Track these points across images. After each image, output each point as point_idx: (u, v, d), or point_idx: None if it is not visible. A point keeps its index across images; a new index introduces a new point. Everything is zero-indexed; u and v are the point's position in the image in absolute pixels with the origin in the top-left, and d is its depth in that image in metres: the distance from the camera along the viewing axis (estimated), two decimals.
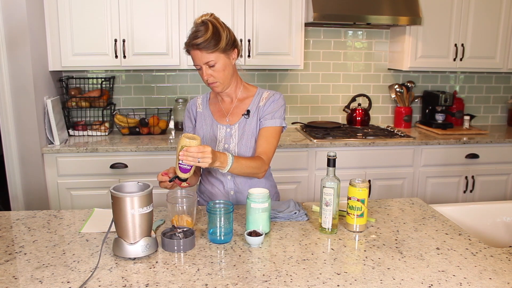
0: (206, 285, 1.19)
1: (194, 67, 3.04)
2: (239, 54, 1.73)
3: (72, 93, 3.16)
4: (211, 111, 1.83)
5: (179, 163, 1.47)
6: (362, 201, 1.51)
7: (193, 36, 1.62)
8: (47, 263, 1.31)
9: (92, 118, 3.26)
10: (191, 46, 1.63)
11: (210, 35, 1.60)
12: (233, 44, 1.68)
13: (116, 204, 1.32)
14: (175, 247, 1.38)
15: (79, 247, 1.42)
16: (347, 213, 1.55)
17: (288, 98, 3.52)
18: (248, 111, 1.77)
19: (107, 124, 3.20)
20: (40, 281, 1.20)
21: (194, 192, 1.65)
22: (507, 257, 1.36)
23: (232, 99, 1.81)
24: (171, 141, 3.03)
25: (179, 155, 1.44)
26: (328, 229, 1.52)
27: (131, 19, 2.95)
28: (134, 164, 2.88)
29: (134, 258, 1.33)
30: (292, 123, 3.54)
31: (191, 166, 1.48)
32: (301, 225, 1.61)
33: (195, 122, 1.85)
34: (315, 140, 3.02)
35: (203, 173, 1.90)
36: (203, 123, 1.82)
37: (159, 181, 1.60)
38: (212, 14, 1.67)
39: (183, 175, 1.50)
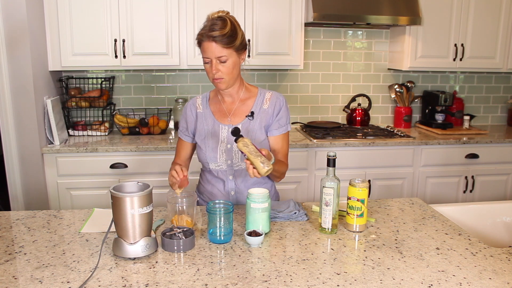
0: (206, 285, 1.19)
1: (194, 67, 3.07)
2: (245, 56, 1.75)
3: (72, 93, 3.16)
4: (211, 111, 1.82)
5: (245, 157, 1.50)
6: (362, 201, 1.51)
7: (211, 28, 1.61)
8: (47, 263, 1.31)
9: (92, 118, 3.26)
10: (206, 36, 1.62)
11: (228, 31, 1.61)
12: (244, 45, 1.70)
13: (116, 204, 1.32)
14: (175, 247, 1.38)
15: (79, 247, 1.42)
16: (347, 213, 1.55)
17: (288, 98, 3.52)
18: (252, 113, 1.77)
19: (107, 124, 3.20)
20: (40, 281, 1.20)
21: (194, 192, 1.65)
22: (507, 257, 1.36)
23: (234, 99, 1.81)
24: (171, 141, 3.03)
25: (250, 157, 1.47)
26: (328, 229, 1.52)
27: (131, 19, 2.95)
28: (134, 164, 2.88)
29: (134, 258, 1.33)
30: (292, 123, 3.53)
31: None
32: (301, 225, 1.61)
33: (196, 123, 1.84)
34: (315, 140, 3.02)
35: (203, 173, 1.89)
36: (204, 123, 1.81)
37: (172, 177, 1.62)
38: (228, 12, 1.68)
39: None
